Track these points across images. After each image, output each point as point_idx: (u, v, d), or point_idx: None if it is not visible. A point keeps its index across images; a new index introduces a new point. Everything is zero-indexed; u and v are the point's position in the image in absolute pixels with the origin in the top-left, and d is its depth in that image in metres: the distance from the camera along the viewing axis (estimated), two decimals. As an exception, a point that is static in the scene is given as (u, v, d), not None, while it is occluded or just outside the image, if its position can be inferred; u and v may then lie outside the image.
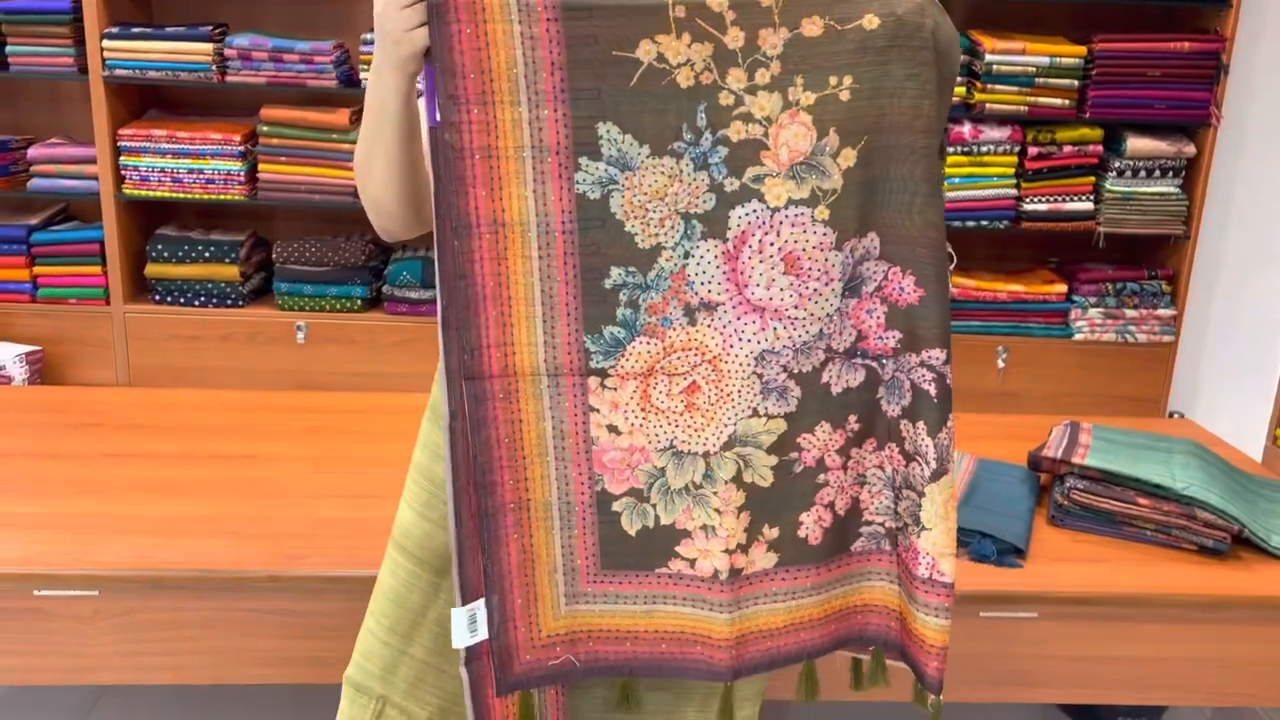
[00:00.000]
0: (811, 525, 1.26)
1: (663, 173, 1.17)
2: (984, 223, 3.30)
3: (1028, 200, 3.29)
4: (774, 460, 1.23)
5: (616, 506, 1.23)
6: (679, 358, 1.21)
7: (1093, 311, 3.36)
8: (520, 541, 1.23)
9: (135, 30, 3.12)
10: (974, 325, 3.37)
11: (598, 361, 1.19)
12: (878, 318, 1.22)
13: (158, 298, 3.30)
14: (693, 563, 1.24)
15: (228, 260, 3.26)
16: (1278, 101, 3.37)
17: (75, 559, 1.69)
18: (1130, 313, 3.36)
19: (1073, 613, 1.77)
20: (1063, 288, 3.37)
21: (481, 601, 1.22)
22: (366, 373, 3.31)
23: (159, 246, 3.25)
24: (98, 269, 3.26)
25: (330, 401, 2.52)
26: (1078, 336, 3.37)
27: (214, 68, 3.13)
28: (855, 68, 1.15)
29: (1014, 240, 3.54)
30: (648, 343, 1.20)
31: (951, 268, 3.27)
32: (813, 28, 1.15)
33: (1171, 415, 3.42)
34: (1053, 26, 3.32)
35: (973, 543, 1.84)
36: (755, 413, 1.21)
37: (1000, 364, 3.38)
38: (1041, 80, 3.18)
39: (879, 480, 1.27)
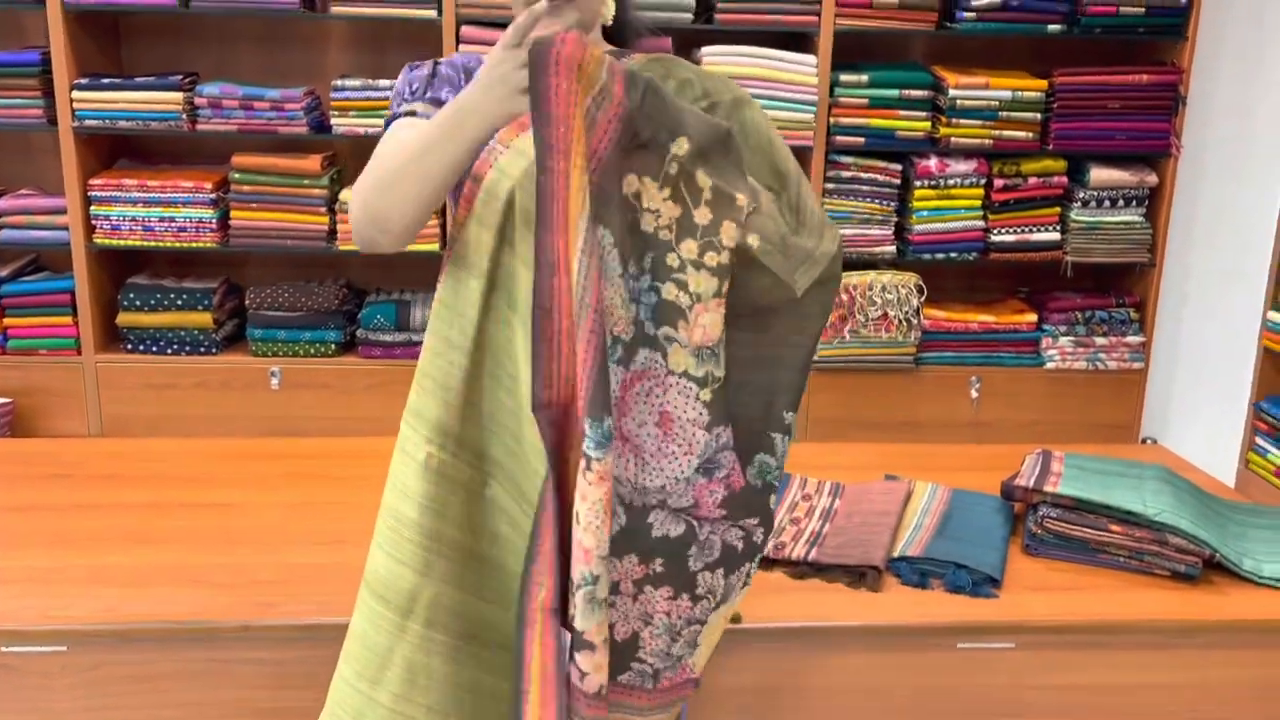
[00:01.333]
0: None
1: (615, 292, 1.23)
2: (953, 255, 3.34)
3: (995, 231, 3.34)
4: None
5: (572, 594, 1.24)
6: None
7: (1063, 340, 3.39)
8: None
9: (105, 81, 3.13)
10: (947, 356, 3.40)
11: (590, 449, 1.18)
12: (716, 497, 1.30)
13: (129, 347, 3.28)
14: (584, 677, 1.24)
15: (200, 307, 3.26)
16: (1235, 131, 3.44)
17: (42, 614, 1.66)
18: (1100, 340, 3.40)
19: (1049, 642, 1.77)
20: (1033, 317, 3.41)
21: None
22: (342, 417, 3.30)
23: (131, 295, 3.24)
24: (68, 319, 3.24)
25: (304, 447, 2.50)
26: (1049, 365, 3.40)
27: (184, 116, 3.14)
28: None
29: (983, 271, 3.58)
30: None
31: (922, 299, 3.31)
32: None
33: (1145, 441, 3.45)
34: (1013, 61, 3.38)
35: (947, 573, 1.84)
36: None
37: (974, 394, 3.40)
38: (1005, 114, 3.24)
39: (662, 625, 1.32)
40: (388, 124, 1.40)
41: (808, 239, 1.34)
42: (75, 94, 3.09)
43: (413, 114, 1.38)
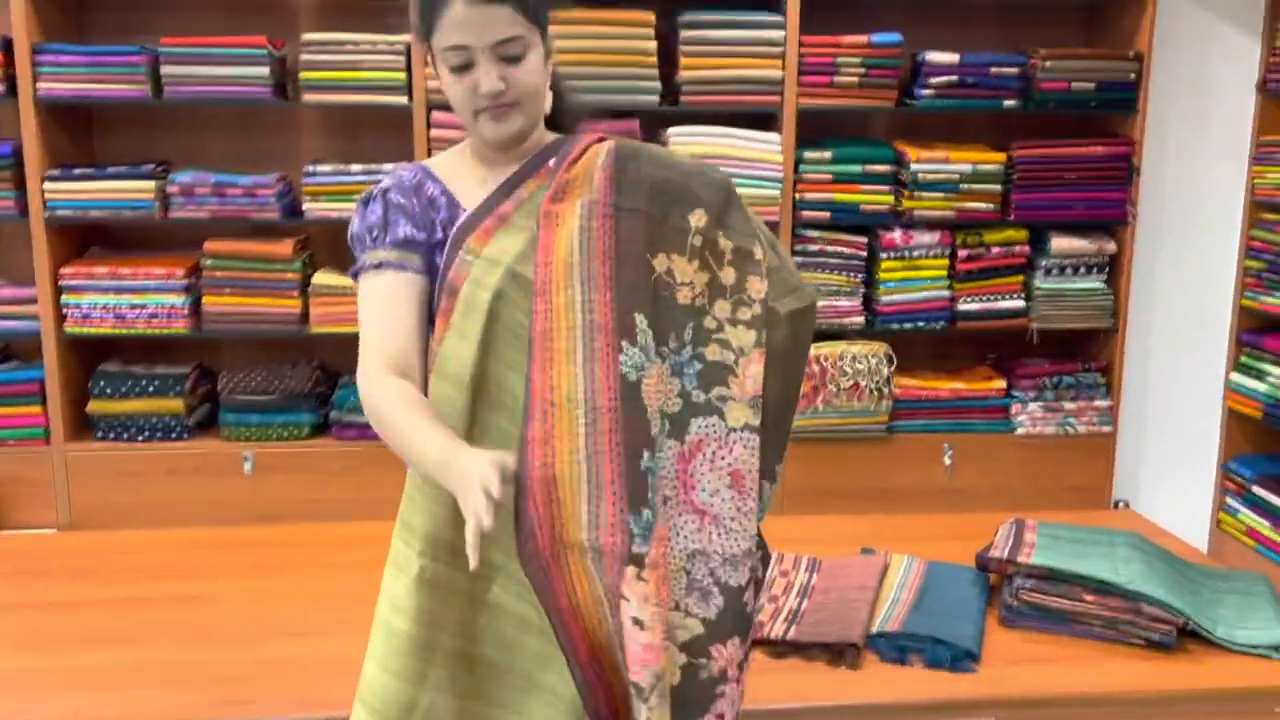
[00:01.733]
0: None
1: (657, 374, 1.26)
2: (921, 324, 3.39)
3: (962, 300, 3.39)
4: (684, 659, 1.24)
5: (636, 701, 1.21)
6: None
7: (1032, 406, 3.43)
8: None
9: (77, 171, 3.15)
10: (918, 424, 3.43)
11: (637, 545, 1.19)
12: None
13: (100, 435, 3.25)
14: None
15: (172, 393, 3.24)
16: (1188, 198, 3.54)
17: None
18: (1069, 405, 3.44)
19: (1029, 717, 1.77)
20: (1002, 384, 3.46)
21: None
22: (316, 499, 3.27)
23: (101, 383, 3.23)
24: (38, 408, 3.22)
25: (277, 535, 2.49)
26: (1020, 431, 3.44)
27: (157, 204, 3.16)
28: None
29: (951, 339, 3.63)
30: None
31: (892, 368, 3.34)
32: None
33: (1117, 504, 3.48)
34: (972, 135, 3.47)
35: (926, 649, 1.84)
36: (677, 606, 1.24)
37: (947, 461, 3.43)
38: (966, 186, 3.31)
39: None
40: (355, 274, 1.40)
41: (790, 276, 1.39)
42: (47, 185, 3.11)
43: (379, 266, 1.37)
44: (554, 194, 1.32)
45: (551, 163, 1.41)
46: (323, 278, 3.23)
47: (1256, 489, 3.25)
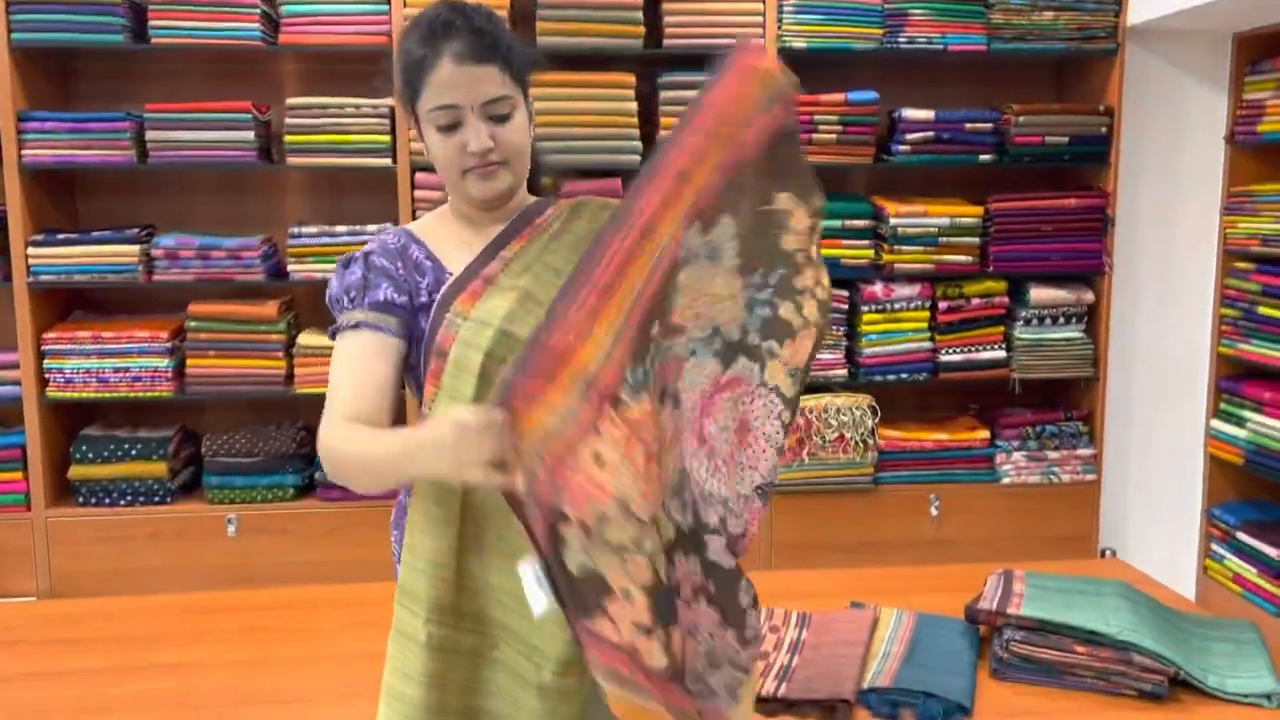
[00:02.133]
0: (675, 642, 1.25)
1: (726, 283, 1.29)
2: (904, 375, 3.41)
3: (943, 352, 3.42)
4: (664, 560, 1.24)
5: (566, 530, 1.16)
6: (648, 427, 1.23)
7: (1017, 455, 3.45)
8: None
9: (61, 236, 3.16)
10: (903, 475, 3.43)
11: (625, 393, 1.20)
12: (750, 532, 1.35)
13: (82, 500, 3.22)
14: (618, 627, 1.18)
15: (155, 457, 3.22)
16: (1163, 248, 3.60)
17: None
18: (1052, 454, 3.46)
19: (1023, 770, 1.75)
20: (985, 433, 3.47)
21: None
22: (301, 561, 3.24)
23: (83, 447, 3.20)
24: (18, 474, 3.19)
25: (261, 599, 2.46)
26: (1005, 480, 3.45)
27: (141, 268, 3.17)
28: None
29: (934, 390, 3.65)
30: (647, 398, 1.24)
31: (876, 420, 3.36)
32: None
33: (1104, 553, 3.48)
34: (949, 189, 3.53)
35: (918, 704, 1.83)
36: (664, 506, 1.27)
37: (934, 511, 3.43)
38: (944, 239, 3.36)
39: (705, 645, 1.32)
40: (333, 334, 1.41)
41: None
42: (31, 250, 3.12)
43: (356, 326, 1.38)
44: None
45: (538, 219, 1.43)
46: (308, 338, 3.24)
47: (1241, 535, 3.27)
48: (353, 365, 1.36)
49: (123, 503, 3.22)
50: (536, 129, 1.48)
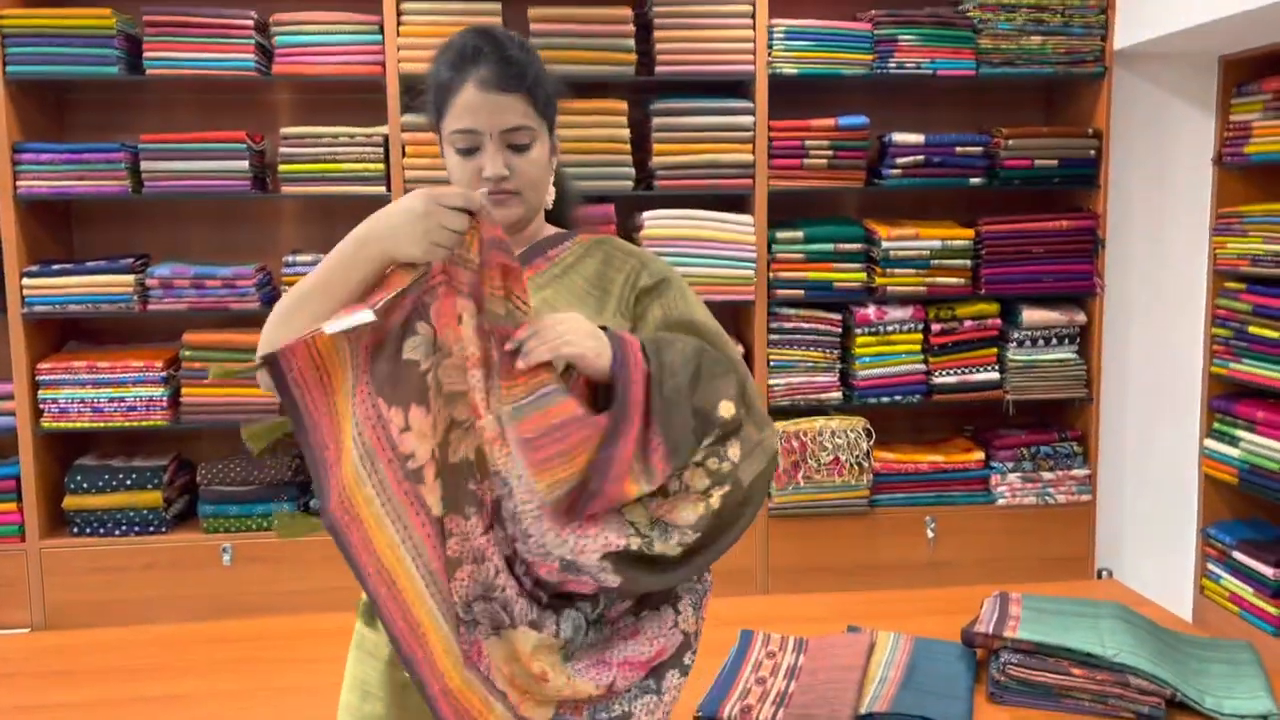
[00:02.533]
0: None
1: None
2: (898, 397, 3.42)
3: (937, 374, 3.43)
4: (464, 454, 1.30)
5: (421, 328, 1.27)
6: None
7: (1011, 476, 3.45)
8: None
9: (55, 267, 3.16)
10: (899, 498, 3.44)
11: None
12: None
13: (76, 530, 3.21)
14: (411, 428, 1.26)
15: (150, 486, 3.21)
16: (1154, 269, 3.62)
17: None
18: (1047, 475, 3.47)
19: (1022, 794, 1.75)
20: (980, 455, 3.48)
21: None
22: (296, 590, 3.23)
23: (78, 478, 3.20)
24: (13, 505, 3.18)
25: (256, 629, 2.45)
26: (1000, 502, 3.45)
27: (135, 298, 3.18)
28: None
29: (928, 412, 3.66)
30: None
31: (871, 442, 3.36)
32: None
33: (1100, 574, 3.48)
34: (940, 212, 3.55)
35: (916, 729, 1.83)
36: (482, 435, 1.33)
37: (930, 534, 3.43)
38: (936, 262, 3.38)
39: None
40: None
41: (754, 429, 1.36)
42: (25, 280, 3.12)
43: None
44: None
45: (552, 251, 1.44)
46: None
47: (1237, 554, 3.27)
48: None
49: (117, 533, 3.21)
50: (559, 162, 1.49)
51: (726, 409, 1.29)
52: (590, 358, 1.26)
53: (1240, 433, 3.30)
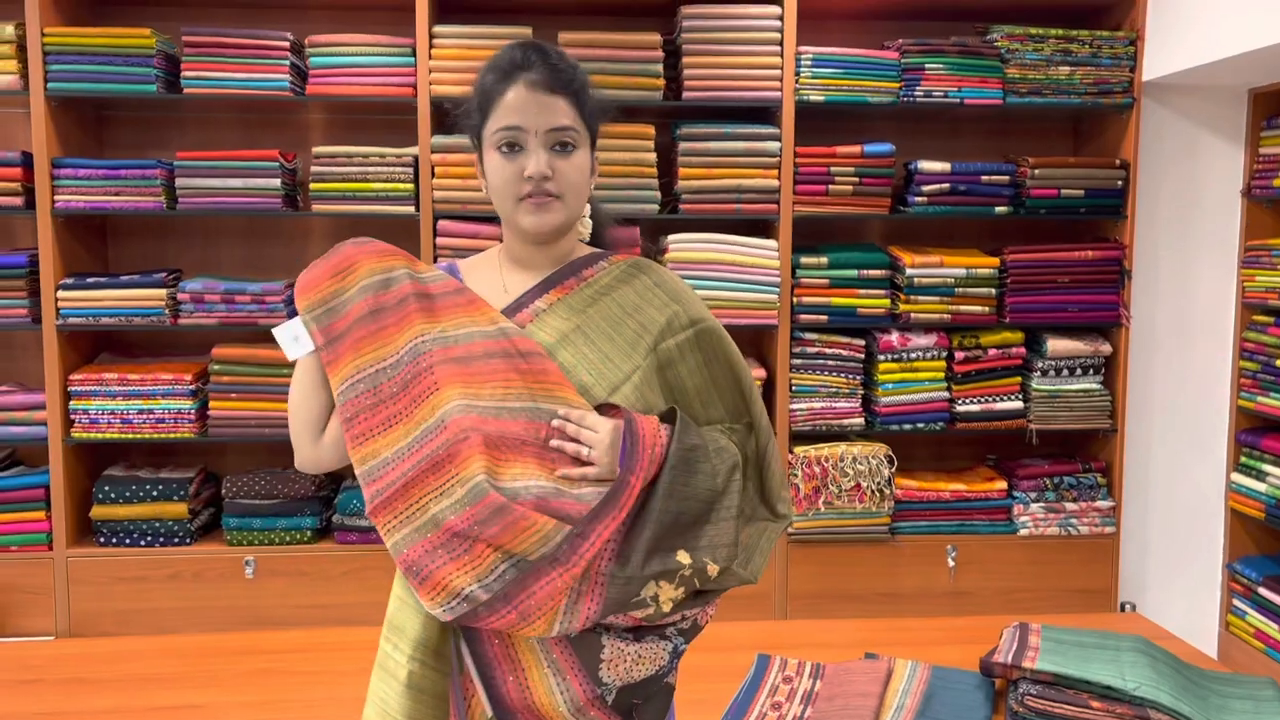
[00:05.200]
0: None
1: None
2: (920, 425, 3.41)
3: (960, 402, 3.42)
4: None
5: None
6: None
7: (1034, 506, 3.43)
8: None
9: (90, 280, 3.22)
10: (921, 526, 3.42)
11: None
12: None
13: (102, 540, 3.25)
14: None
15: (176, 498, 3.25)
16: (1181, 301, 3.60)
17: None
18: (1070, 505, 3.44)
19: (1038, 827, 1.73)
20: (1003, 484, 3.46)
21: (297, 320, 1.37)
22: (317, 604, 3.26)
23: (106, 488, 3.24)
24: (41, 514, 3.22)
25: (276, 641, 2.47)
26: (1022, 532, 3.43)
27: (167, 311, 3.23)
28: None
29: (951, 440, 3.65)
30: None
31: (893, 469, 3.36)
32: None
33: (1123, 607, 3.45)
34: (965, 240, 3.55)
35: (932, 758, 1.82)
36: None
37: (951, 563, 3.41)
38: (960, 290, 3.37)
39: None
40: None
41: (767, 507, 1.43)
42: (60, 293, 3.18)
43: None
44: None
45: (586, 271, 1.44)
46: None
47: (1263, 590, 3.23)
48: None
49: (143, 543, 3.25)
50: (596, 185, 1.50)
51: (684, 559, 1.31)
52: (605, 475, 1.32)
53: (1267, 467, 3.26)
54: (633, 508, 1.30)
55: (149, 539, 3.25)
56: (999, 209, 3.40)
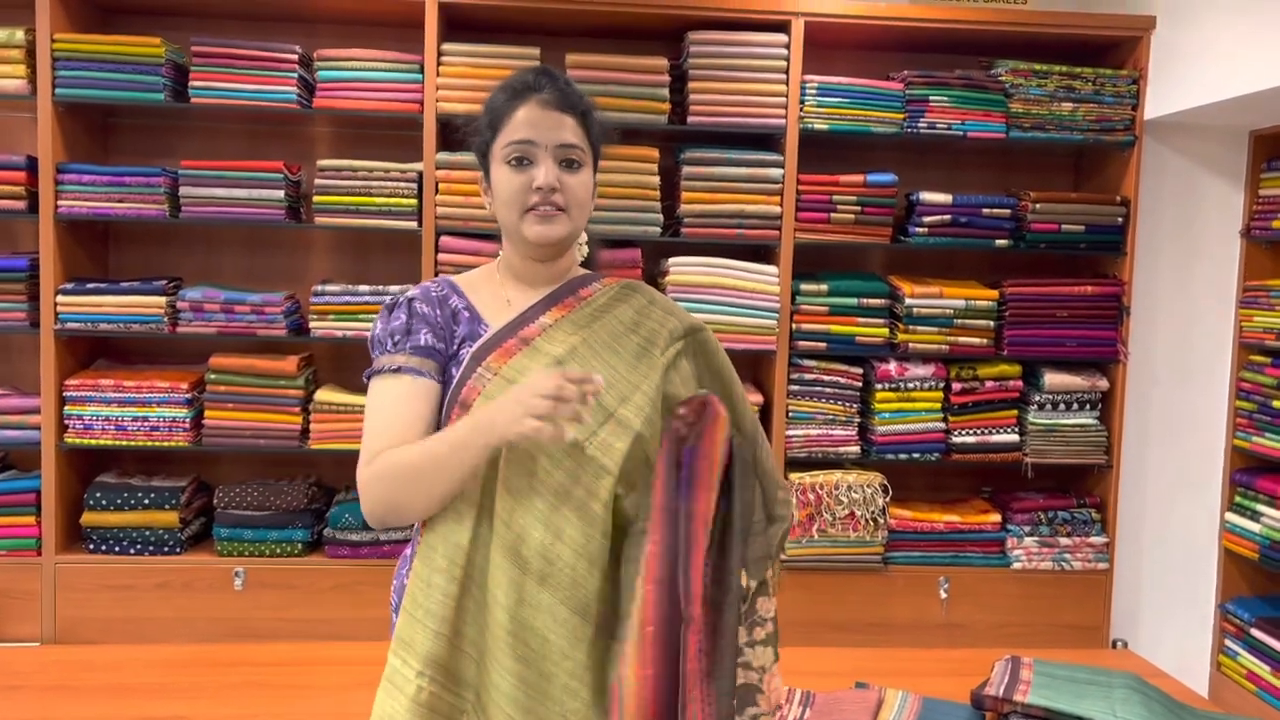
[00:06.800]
0: None
1: None
2: (916, 455, 3.41)
3: (956, 433, 3.42)
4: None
5: None
6: None
7: (1028, 540, 3.42)
8: None
9: (89, 285, 3.22)
10: (914, 556, 3.41)
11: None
12: None
13: (92, 546, 3.23)
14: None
15: (167, 506, 3.24)
16: (1179, 339, 3.61)
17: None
18: (1064, 540, 3.44)
19: None
20: (997, 517, 3.45)
21: None
22: (306, 619, 3.23)
23: (97, 494, 3.22)
24: (31, 519, 3.21)
25: (263, 654, 2.46)
26: (1015, 565, 3.42)
27: (166, 319, 3.22)
28: None
29: (946, 471, 3.65)
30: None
31: (887, 499, 3.35)
32: None
33: (1115, 644, 3.43)
34: (965, 272, 3.56)
35: (921, 790, 1.80)
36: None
37: (943, 594, 3.40)
38: (959, 321, 3.38)
39: None
40: (369, 376, 1.44)
41: (767, 519, 1.45)
42: (60, 298, 3.18)
43: (398, 370, 1.42)
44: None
45: (583, 290, 1.47)
46: (325, 394, 3.27)
47: (1255, 632, 3.22)
48: (396, 406, 1.40)
49: (133, 551, 3.23)
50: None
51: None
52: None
53: (1262, 507, 3.26)
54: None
55: (139, 547, 3.24)
56: (999, 242, 3.41)
